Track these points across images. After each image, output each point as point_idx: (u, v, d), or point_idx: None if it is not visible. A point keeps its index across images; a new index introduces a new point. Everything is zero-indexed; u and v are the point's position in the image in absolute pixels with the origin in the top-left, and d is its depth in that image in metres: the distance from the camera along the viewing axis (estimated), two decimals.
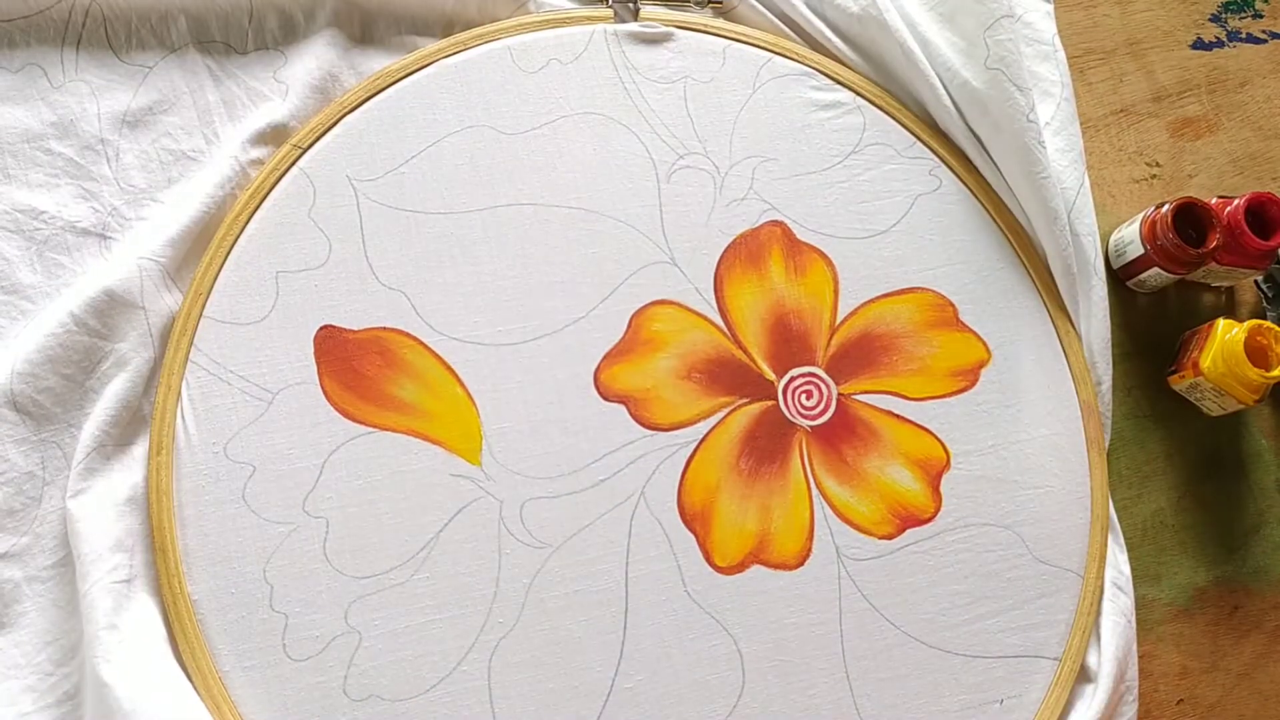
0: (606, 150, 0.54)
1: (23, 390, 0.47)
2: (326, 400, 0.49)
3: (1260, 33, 0.67)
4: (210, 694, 0.44)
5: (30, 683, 0.45)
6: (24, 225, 0.50)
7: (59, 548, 0.46)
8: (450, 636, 0.47)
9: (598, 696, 0.47)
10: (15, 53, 0.52)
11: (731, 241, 0.54)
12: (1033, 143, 0.55)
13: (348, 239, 0.51)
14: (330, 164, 0.52)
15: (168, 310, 0.49)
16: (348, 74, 0.55)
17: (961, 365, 0.54)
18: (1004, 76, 0.55)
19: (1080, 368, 0.55)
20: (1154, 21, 0.66)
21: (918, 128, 0.58)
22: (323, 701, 0.45)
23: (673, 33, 0.57)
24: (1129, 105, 0.64)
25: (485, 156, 0.53)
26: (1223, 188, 0.63)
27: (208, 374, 0.48)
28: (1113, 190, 0.62)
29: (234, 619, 0.46)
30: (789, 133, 0.56)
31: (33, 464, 0.47)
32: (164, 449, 0.47)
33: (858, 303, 0.54)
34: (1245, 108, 0.65)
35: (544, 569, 0.48)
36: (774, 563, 0.50)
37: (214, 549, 0.46)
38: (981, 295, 0.55)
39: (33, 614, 0.46)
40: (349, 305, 0.50)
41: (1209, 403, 0.57)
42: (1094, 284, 0.55)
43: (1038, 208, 0.55)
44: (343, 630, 0.46)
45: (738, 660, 0.48)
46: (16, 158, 0.51)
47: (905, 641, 0.49)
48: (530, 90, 0.55)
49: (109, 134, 0.52)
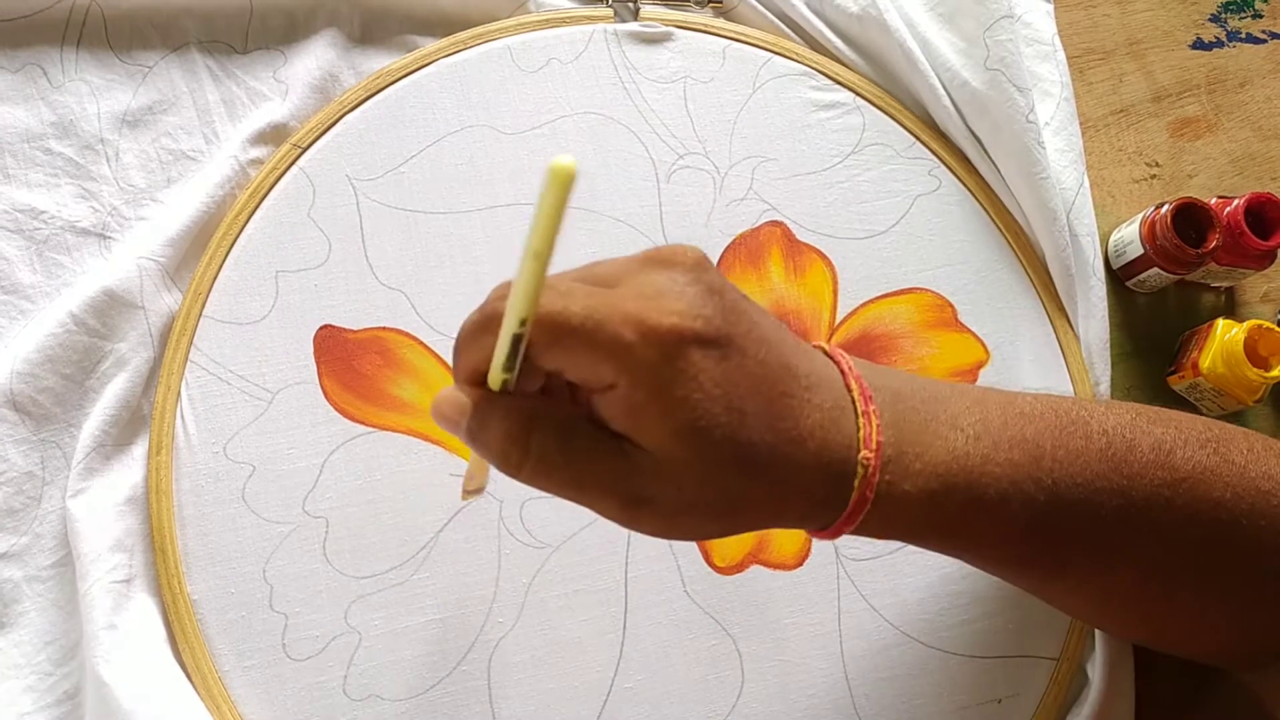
0: (606, 150, 0.54)
1: (22, 390, 0.47)
2: (326, 400, 0.49)
3: (1260, 33, 0.67)
4: (210, 693, 0.45)
5: (30, 683, 0.45)
6: (24, 225, 0.50)
7: (59, 548, 0.46)
8: (450, 636, 0.47)
9: (597, 696, 0.47)
10: (15, 53, 0.52)
11: (731, 242, 0.54)
12: (1032, 143, 0.55)
13: (347, 239, 0.51)
14: (330, 163, 0.52)
15: (167, 310, 0.49)
16: (348, 74, 0.55)
17: (960, 366, 0.54)
18: (1004, 77, 0.55)
19: (1078, 368, 0.55)
20: (1154, 21, 0.66)
21: (917, 128, 0.58)
22: (323, 701, 0.45)
23: (673, 32, 0.57)
24: (1129, 105, 0.64)
25: (485, 156, 0.53)
26: (1223, 188, 0.63)
27: (207, 374, 0.48)
28: (1112, 190, 0.62)
29: (234, 619, 0.46)
30: (789, 133, 0.56)
31: (32, 464, 0.47)
32: (164, 449, 0.47)
33: (857, 303, 0.54)
34: (1245, 108, 0.65)
35: (544, 569, 0.48)
36: (773, 563, 0.50)
37: (214, 549, 0.46)
38: (980, 296, 0.55)
39: (32, 614, 0.46)
40: (349, 305, 0.50)
41: (1208, 403, 0.57)
42: (1093, 284, 0.55)
43: (1037, 208, 0.55)
44: (343, 630, 0.46)
45: (737, 660, 0.48)
46: (16, 158, 0.51)
47: (904, 641, 0.49)
48: (530, 90, 0.55)
49: (109, 134, 0.52)
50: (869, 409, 0.33)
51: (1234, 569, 0.39)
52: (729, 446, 0.30)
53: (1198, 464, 0.38)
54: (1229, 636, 0.42)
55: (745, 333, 0.30)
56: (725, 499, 0.31)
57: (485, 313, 0.30)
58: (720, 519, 0.32)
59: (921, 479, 0.33)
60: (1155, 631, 0.44)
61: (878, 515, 0.33)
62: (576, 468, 0.30)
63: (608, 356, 0.29)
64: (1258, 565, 0.39)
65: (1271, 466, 0.39)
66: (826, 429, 0.32)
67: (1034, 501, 0.35)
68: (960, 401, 0.36)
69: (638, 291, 0.30)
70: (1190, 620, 0.41)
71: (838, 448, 0.32)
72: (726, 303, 0.30)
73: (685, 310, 0.29)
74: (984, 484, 0.35)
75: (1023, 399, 0.38)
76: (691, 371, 0.29)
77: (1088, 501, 0.36)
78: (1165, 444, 0.38)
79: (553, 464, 0.30)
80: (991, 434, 0.35)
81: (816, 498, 0.32)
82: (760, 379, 0.30)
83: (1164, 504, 0.37)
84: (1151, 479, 0.37)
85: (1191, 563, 0.39)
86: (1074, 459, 0.36)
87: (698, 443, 0.29)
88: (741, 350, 0.30)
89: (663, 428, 0.29)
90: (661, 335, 0.29)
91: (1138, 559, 0.38)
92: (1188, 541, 0.38)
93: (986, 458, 0.35)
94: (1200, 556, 0.38)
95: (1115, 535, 0.37)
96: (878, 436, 0.32)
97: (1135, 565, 0.38)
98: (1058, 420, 0.37)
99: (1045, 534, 0.37)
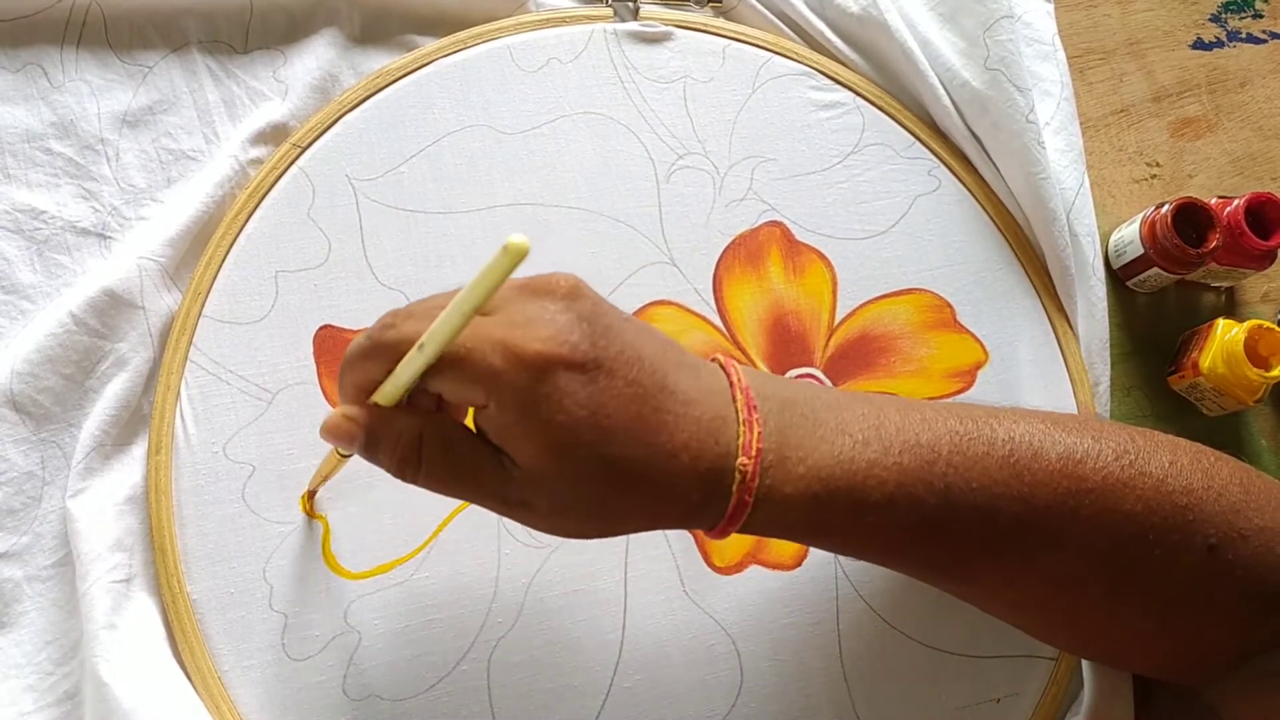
0: (605, 150, 0.54)
1: (22, 390, 0.47)
2: (326, 400, 0.49)
3: (1260, 33, 0.66)
4: (210, 693, 0.45)
5: (30, 682, 0.45)
6: (24, 225, 0.50)
7: (59, 547, 0.46)
8: (450, 636, 0.47)
9: (596, 696, 0.47)
10: (15, 53, 0.52)
11: (730, 242, 0.54)
12: (1032, 143, 0.55)
13: (347, 238, 0.51)
14: (329, 163, 0.52)
15: (167, 310, 0.49)
16: (347, 73, 0.55)
17: (959, 366, 0.54)
18: (1004, 76, 0.55)
19: (1078, 369, 0.55)
20: (1154, 21, 0.65)
21: (917, 128, 0.58)
22: (322, 701, 0.45)
23: (672, 32, 0.57)
24: (1129, 105, 0.64)
25: (484, 156, 0.53)
26: (1223, 188, 0.63)
27: (207, 374, 0.48)
28: (1112, 190, 0.62)
29: (234, 619, 0.46)
30: (788, 133, 0.56)
31: (32, 464, 0.47)
32: (163, 449, 0.47)
33: (856, 303, 0.54)
34: (1245, 108, 0.65)
35: (543, 569, 0.48)
36: (772, 563, 0.50)
37: (213, 549, 0.46)
38: (979, 296, 0.55)
39: (33, 613, 0.46)
40: (349, 305, 0.50)
41: (1208, 403, 0.57)
42: (1093, 284, 0.55)
43: (1037, 208, 0.55)
44: (342, 630, 0.46)
45: (736, 660, 0.48)
46: (16, 158, 0.51)
47: (902, 641, 0.50)
48: (529, 90, 0.55)
49: (109, 134, 0.52)
50: (751, 417, 0.34)
51: (1145, 581, 0.39)
52: (595, 462, 0.32)
53: (1108, 475, 0.38)
54: (1153, 648, 0.42)
55: (615, 355, 0.32)
56: (598, 506, 0.34)
57: (375, 341, 0.34)
58: (596, 522, 0.35)
59: (804, 482, 0.35)
60: (1078, 641, 0.44)
61: (760, 516, 0.35)
62: (459, 477, 0.34)
63: (477, 380, 0.32)
64: (1171, 578, 0.39)
65: (1193, 481, 0.38)
66: (703, 440, 0.33)
67: (922, 504, 0.36)
68: (856, 409, 0.37)
69: (509, 320, 0.32)
70: (1108, 631, 0.41)
71: (714, 457, 0.34)
72: (597, 329, 0.32)
73: (552, 337, 0.31)
74: (869, 486, 0.36)
75: (928, 407, 0.39)
76: (557, 396, 0.31)
77: (985, 507, 0.37)
78: (1075, 454, 0.38)
79: (438, 475, 0.34)
80: (883, 439, 0.36)
81: (694, 503, 0.34)
82: (630, 399, 0.32)
83: (1068, 514, 0.37)
84: (1055, 488, 0.37)
85: (1101, 574, 0.38)
86: (971, 465, 0.37)
87: (563, 459, 0.32)
88: (610, 372, 0.32)
89: (531, 446, 0.32)
90: (527, 361, 0.31)
91: (1045, 568, 0.38)
92: (1094, 552, 0.38)
93: (874, 462, 0.36)
94: (1109, 568, 0.38)
95: (1017, 542, 0.38)
96: (758, 444, 0.34)
97: (1043, 574, 0.39)
98: (960, 426, 0.38)
99: (940, 538, 0.37)
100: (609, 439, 0.32)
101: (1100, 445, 0.38)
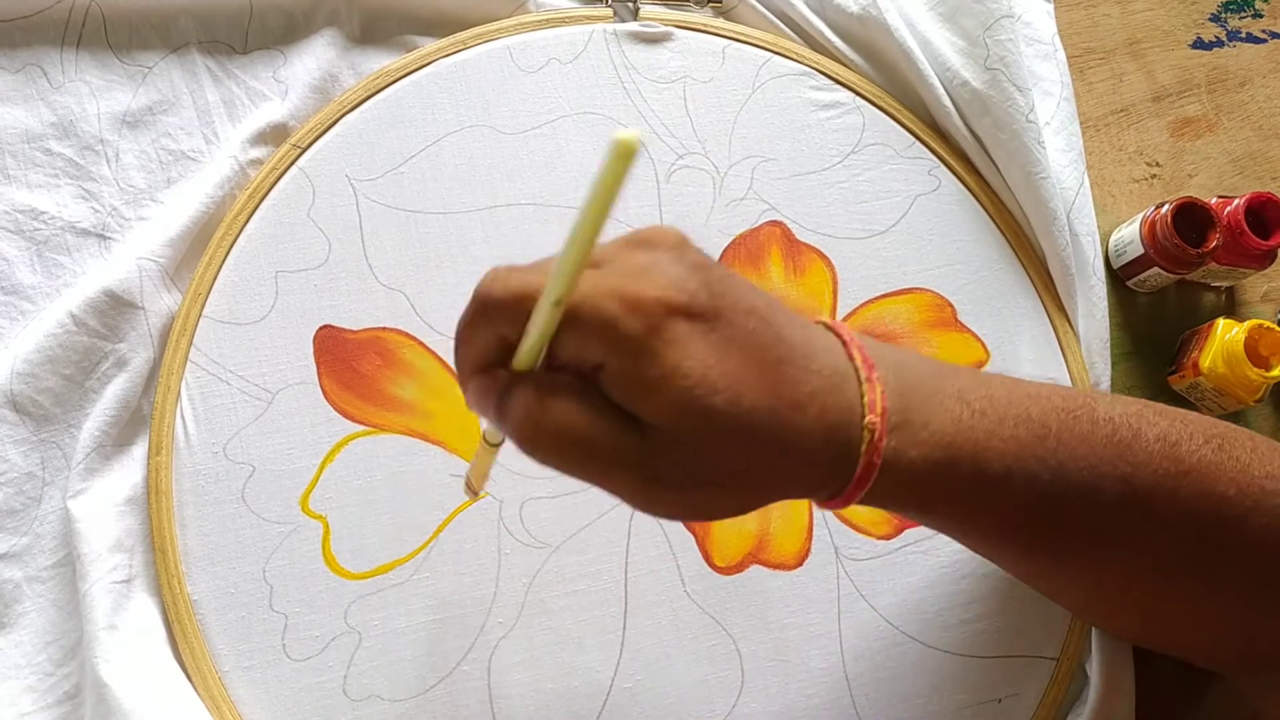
0: (605, 150, 0.54)
1: (22, 390, 0.47)
2: (326, 400, 0.49)
3: (1260, 33, 0.67)
4: (210, 694, 0.45)
5: (30, 683, 0.45)
6: (24, 225, 0.50)
7: (59, 548, 0.46)
8: (450, 636, 0.47)
9: (597, 696, 0.47)
10: (15, 53, 0.52)
11: (731, 242, 0.54)
12: (1032, 143, 0.55)
13: (347, 239, 0.51)
14: (329, 164, 0.52)
15: (167, 310, 0.49)
16: (347, 74, 0.55)
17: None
18: (1004, 76, 0.55)
19: (1078, 368, 0.55)
20: (1154, 21, 0.66)
21: (917, 128, 0.58)
22: (323, 701, 0.45)
23: (672, 32, 0.57)
24: (1129, 105, 0.64)
25: (484, 156, 0.53)
26: (1223, 188, 0.63)
27: (207, 374, 0.48)
28: (1113, 190, 0.62)
29: (234, 619, 0.46)
30: (788, 133, 0.56)
31: (33, 464, 0.47)
32: (163, 449, 0.47)
33: (856, 303, 0.54)
34: (1245, 108, 0.65)
35: (544, 569, 0.48)
36: (773, 563, 0.50)
37: (214, 549, 0.46)
38: (980, 296, 0.55)
39: (33, 614, 0.46)
40: (348, 305, 0.50)
41: (1209, 403, 0.57)
42: (1093, 284, 0.55)
43: (1037, 208, 0.55)
44: (342, 630, 0.46)
45: (737, 660, 0.48)
46: (16, 158, 0.51)
47: (904, 641, 0.49)
48: (529, 90, 0.55)
49: (109, 134, 0.52)
50: (872, 376, 0.33)
51: (1232, 564, 0.39)
52: (731, 414, 0.30)
53: (1202, 458, 0.38)
54: (1221, 634, 0.42)
55: (732, 305, 0.30)
56: (734, 471, 0.31)
57: (485, 300, 0.30)
58: (733, 492, 0.32)
59: (927, 447, 0.33)
60: (1147, 624, 0.44)
61: (885, 483, 0.33)
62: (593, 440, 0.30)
63: (594, 332, 0.29)
64: (1256, 562, 0.39)
65: (1275, 466, 0.39)
66: (827, 394, 0.31)
67: (1037, 480, 0.36)
68: (966, 378, 0.36)
69: (621, 269, 0.30)
70: (1183, 614, 0.41)
71: (840, 412, 0.32)
72: (712, 277, 0.30)
73: (670, 284, 0.29)
74: (988, 458, 0.35)
75: (1029, 383, 0.38)
76: (679, 345, 0.29)
77: (1091, 485, 0.36)
78: (1171, 436, 0.38)
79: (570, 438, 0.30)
80: (997, 410, 0.36)
81: (823, 465, 0.32)
82: (753, 348, 0.30)
83: (1167, 495, 0.37)
84: (1156, 469, 0.37)
85: (1190, 555, 0.39)
86: (1079, 442, 0.36)
87: (699, 411, 0.29)
88: (730, 322, 0.30)
89: (661, 399, 0.29)
90: (646, 307, 0.29)
91: (1137, 546, 0.38)
92: (1188, 534, 0.38)
93: (991, 432, 0.35)
94: (1199, 550, 0.39)
95: (1117, 521, 0.37)
96: (883, 402, 0.32)
97: (1134, 552, 0.39)
98: (1064, 404, 0.37)
99: (1047, 514, 0.37)
100: (741, 389, 0.30)
101: (1190, 429, 0.39)
